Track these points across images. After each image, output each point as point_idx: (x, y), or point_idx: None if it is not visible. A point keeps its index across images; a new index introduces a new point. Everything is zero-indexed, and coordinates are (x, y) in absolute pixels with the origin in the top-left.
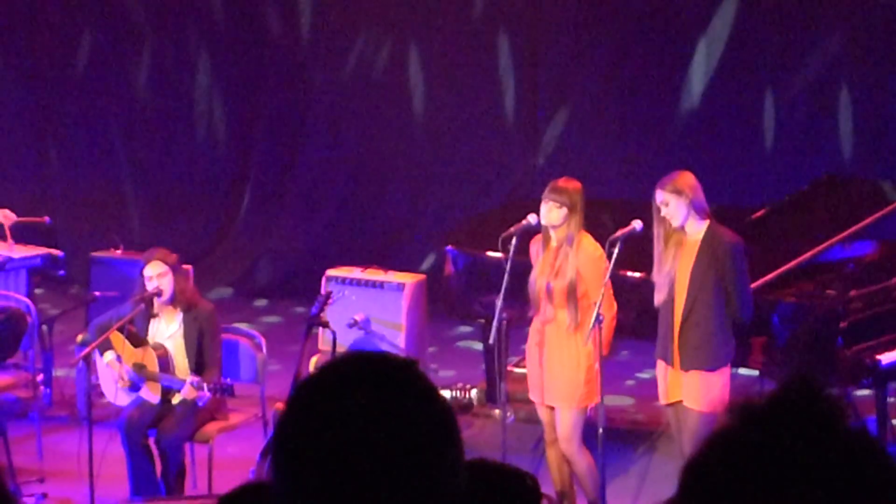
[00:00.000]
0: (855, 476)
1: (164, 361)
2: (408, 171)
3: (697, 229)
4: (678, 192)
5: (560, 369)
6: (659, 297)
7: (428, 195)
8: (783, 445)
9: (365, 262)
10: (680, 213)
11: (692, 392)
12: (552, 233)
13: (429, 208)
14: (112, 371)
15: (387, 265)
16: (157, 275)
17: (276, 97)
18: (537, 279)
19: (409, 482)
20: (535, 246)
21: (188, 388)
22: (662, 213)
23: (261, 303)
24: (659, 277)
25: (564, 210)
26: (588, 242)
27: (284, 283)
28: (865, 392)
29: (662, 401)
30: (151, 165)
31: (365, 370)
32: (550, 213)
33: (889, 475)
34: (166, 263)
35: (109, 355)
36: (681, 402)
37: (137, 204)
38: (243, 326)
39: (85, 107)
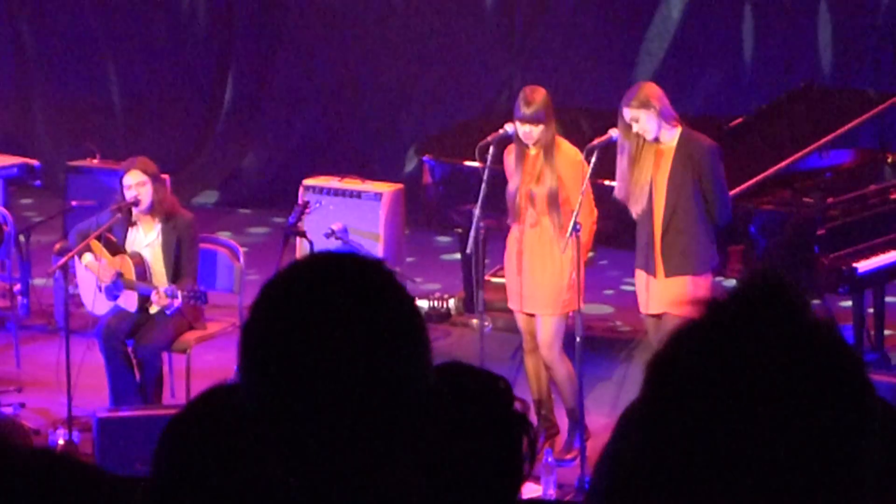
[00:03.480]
0: (816, 366)
1: (142, 270)
2: (387, 79)
3: (670, 137)
4: (646, 106)
5: (542, 276)
6: (636, 209)
7: (409, 103)
8: (746, 337)
9: (346, 171)
10: (652, 125)
11: (679, 298)
12: (529, 137)
13: (409, 116)
14: (91, 274)
15: (367, 173)
16: (136, 184)
17: (255, 5)
18: (519, 187)
19: (374, 380)
20: (510, 156)
21: (157, 296)
22: (634, 130)
23: (245, 212)
24: (629, 190)
25: (540, 126)
26: (567, 147)
27: (266, 191)
28: (848, 304)
29: (643, 311)
30: (130, 74)
31: (331, 269)
32: (530, 134)
33: (849, 365)
34: (146, 173)
35: (88, 257)
36: (664, 311)
37: (115, 113)
38: (224, 236)
39: (64, 13)
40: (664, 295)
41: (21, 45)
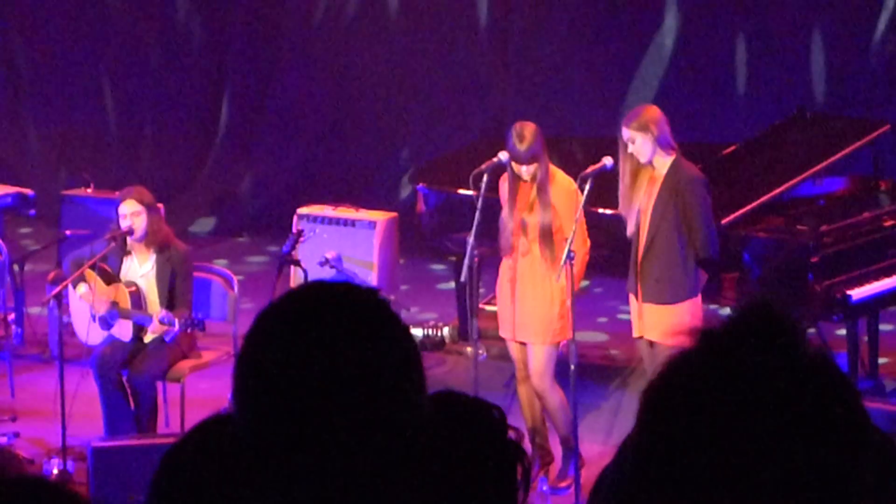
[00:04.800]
0: (811, 397)
1: (137, 298)
2: (382, 106)
3: (663, 164)
4: (644, 129)
5: (534, 305)
6: (628, 229)
7: (403, 130)
8: (741, 368)
9: (341, 198)
10: (646, 149)
11: (654, 325)
12: (525, 174)
13: (404, 143)
14: (86, 304)
15: (362, 200)
16: (131, 213)
17: (250, 32)
18: (512, 215)
19: (368, 409)
20: (505, 184)
21: (156, 324)
22: (629, 150)
23: (242, 240)
24: (627, 211)
25: (535, 163)
26: (561, 176)
27: (262, 219)
28: (842, 331)
29: (634, 334)
30: (125, 103)
31: (325, 298)
32: (528, 172)
33: (844, 395)
34: (142, 203)
35: (83, 288)
36: (647, 336)
37: (110, 141)
38: (220, 264)
39: (58, 41)
40: (645, 319)
41: (15, 72)
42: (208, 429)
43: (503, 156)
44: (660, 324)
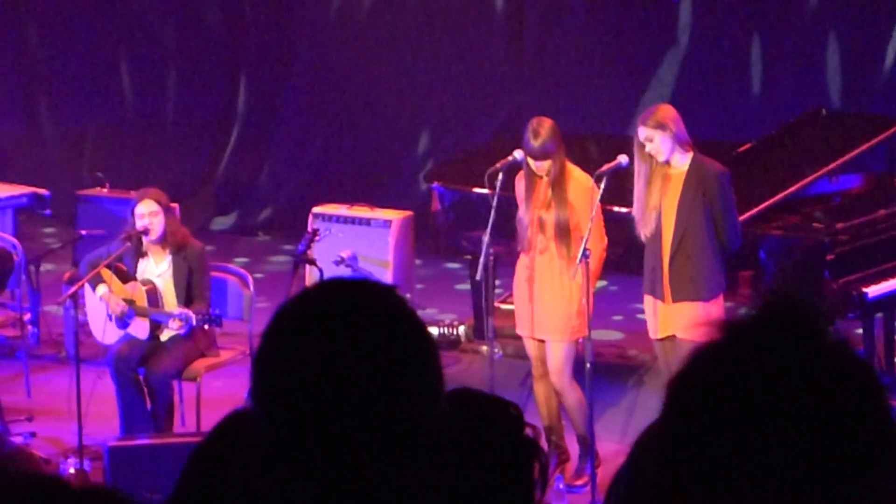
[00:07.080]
0: (836, 387)
1: (153, 296)
2: (397, 105)
3: (682, 161)
4: (661, 127)
5: (552, 302)
6: (645, 231)
7: (419, 129)
8: (766, 358)
9: (358, 196)
10: (665, 147)
11: (689, 322)
12: (539, 170)
13: (420, 142)
14: (105, 305)
15: (380, 197)
16: (148, 213)
17: (266, 30)
18: (529, 212)
19: (386, 405)
20: (521, 182)
21: (173, 322)
22: (647, 150)
23: (264, 239)
24: (643, 212)
25: (549, 159)
26: (578, 173)
27: (279, 218)
28: (858, 329)
29: (653, 336)
30: (141, 101)
31: (342, 295)
32: (543, 168)
33: (868, 384)
34: (159, 203)
35: (102, 288)
36: (673, 336)
37: (126, 141)
38: (240, 261)
39: (73, 40)
40: (673, 320)
41: (31, 70)
42: (235, 424)
43: (518, 154)
44: (694, 321)
